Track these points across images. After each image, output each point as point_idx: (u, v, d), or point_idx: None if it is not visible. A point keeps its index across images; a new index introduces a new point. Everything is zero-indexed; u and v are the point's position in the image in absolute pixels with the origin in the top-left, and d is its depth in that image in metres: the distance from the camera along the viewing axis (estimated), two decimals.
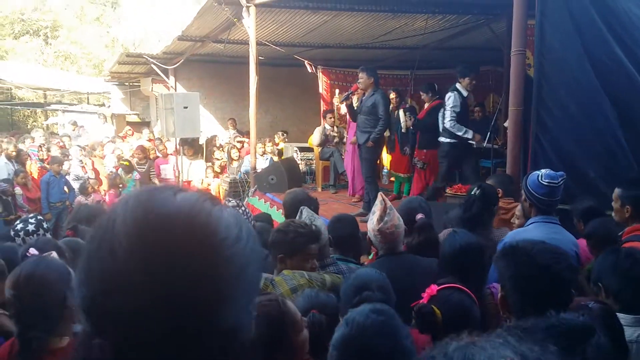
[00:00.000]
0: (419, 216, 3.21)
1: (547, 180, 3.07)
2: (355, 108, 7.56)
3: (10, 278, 2.20)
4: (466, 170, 7.21)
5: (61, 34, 35.59)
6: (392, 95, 8.51)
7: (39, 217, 4.29)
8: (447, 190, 7.46)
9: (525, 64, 4.96)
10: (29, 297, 2.10)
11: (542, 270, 1.86)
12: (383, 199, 2.87)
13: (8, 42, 34.08)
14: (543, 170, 3.16)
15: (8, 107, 25.50)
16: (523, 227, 3.25)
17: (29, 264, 2.25)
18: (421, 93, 8.04)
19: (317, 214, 3.57)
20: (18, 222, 4.25)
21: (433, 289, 2.15)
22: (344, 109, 8.38)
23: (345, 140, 9.11)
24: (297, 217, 3.23)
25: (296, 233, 2.80)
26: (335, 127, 9.57)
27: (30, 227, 4.03)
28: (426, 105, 7.91)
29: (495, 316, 2.31)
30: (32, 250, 3.11)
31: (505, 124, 8.70)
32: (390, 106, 7.93)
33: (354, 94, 7.66)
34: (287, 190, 4.00)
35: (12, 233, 4.10)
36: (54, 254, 2.57)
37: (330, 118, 9.83)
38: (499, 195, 4.00)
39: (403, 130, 8.38)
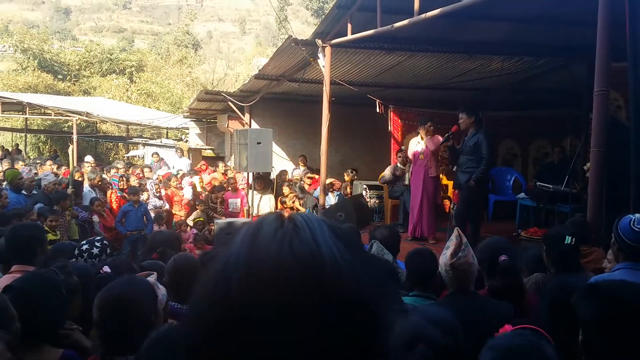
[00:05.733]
0: (502, 258, 3.09)
1: (639, 227, 2.91)
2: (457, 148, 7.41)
3: (98, 298, 2.22)
4: None
5: (145, 74, 37.60)
6: None
7: (104, 241, 4.25)
8: (522, 233, 7.25)
9: (608, 104, 4.80)
10: (116, 318, 2.12)
11: (628, 309, 1.72)
12: (459, 234, 2.80)
13: (95, 80, 36.28)
14: (637, 215, 2.99)
15: (93, 139, 26.93)
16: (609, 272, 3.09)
17: (117, 285, 2.27)
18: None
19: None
20: (84, 242, 4.23)
21: (507, 328, 2.07)
22: (411, 150, 8.33)
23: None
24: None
25: None
26: (407, 166, 9.51)
27: (95, 251, 4.05)
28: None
29: None
30: (106, 268, 3.22)
31: (585, 167, 8.45)
32: None
33: (452, 137, 7.44)
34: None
35: (76, 252, 4.09)
36: (154, 275, 2.64)
37: (400, 157, 9.80)
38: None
39: None
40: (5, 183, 8.89)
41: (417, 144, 8.22)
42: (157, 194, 10.57)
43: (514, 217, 9.08)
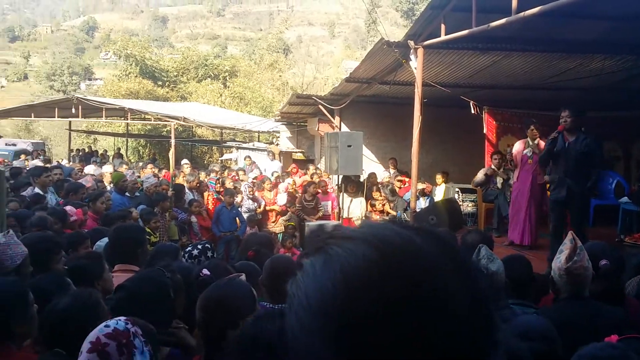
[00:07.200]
0: (603, 262, 2.99)
1: None
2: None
3: (200, 300, 2.35)
4: None
5: (238, 79, 38.88)
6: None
7: (206, 244, 4.57)
8: (626, 239, 6.89)
9: None
10: (217, 320, 2.23)
11: None
12: (574, 238, 2.74)
13: (192, 85, 37.93)
14: None
15: (189, 143, 28.13)
16: None
17: (218, 287, 2.39)
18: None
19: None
20: (190, 245, 4.65)
21: (613, 338, 1.99)
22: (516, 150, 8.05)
23: (511, 182, 8.73)
24: (475, 256, 3.13)
25: None
26: (502, 169, 9.24)
27: (195, 252, 4.38)
28: None
29: None
30: (205, 271, 3.39)
31: None
32: None
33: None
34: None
35: (181, 253, 4.45)
36: (243, 276, 2.76)
37: (495, 159, 9.53)
38: None
39: None
40: (111, 185, 9.48)
41: (525, 147, 7.96)
42: (251, 196, 10.87)
43: (616, 222, 8.60)
